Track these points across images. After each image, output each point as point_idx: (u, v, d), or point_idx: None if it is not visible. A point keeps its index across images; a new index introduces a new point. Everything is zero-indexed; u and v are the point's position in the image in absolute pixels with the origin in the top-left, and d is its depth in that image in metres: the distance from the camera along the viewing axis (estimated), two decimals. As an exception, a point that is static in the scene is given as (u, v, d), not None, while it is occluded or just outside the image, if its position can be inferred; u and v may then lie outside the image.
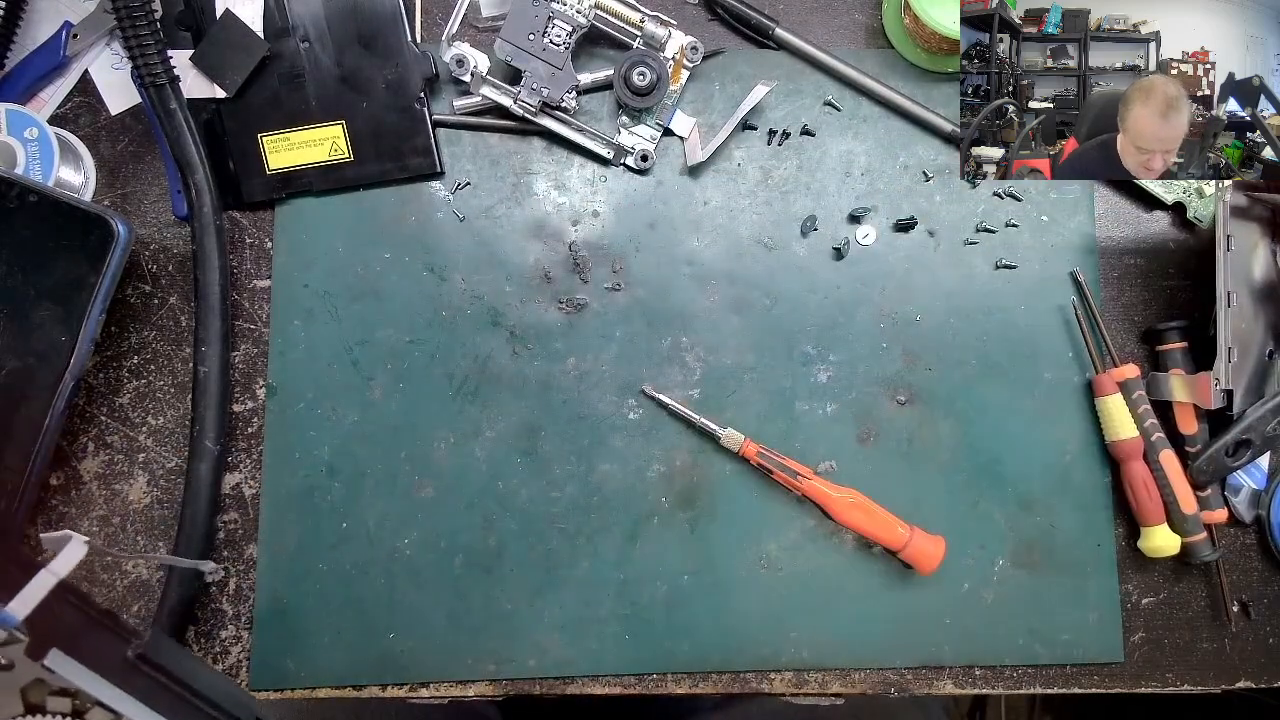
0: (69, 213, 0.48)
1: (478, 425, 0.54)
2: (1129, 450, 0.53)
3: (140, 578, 0.53)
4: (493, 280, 0.55)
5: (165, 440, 0.54)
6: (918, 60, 0.57)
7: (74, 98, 0.56)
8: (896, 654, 0.53)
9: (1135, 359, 0.56)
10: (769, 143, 0.57)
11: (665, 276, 0.56)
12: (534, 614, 0.52)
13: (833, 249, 0.56)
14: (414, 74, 0.54)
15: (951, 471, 0.55)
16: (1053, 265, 0.57)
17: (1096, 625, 0.54)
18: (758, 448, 0.52)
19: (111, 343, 0.54)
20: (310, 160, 0.55)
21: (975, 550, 0.54)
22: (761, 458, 0.52)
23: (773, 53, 0.57)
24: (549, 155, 0.57)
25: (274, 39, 0.54)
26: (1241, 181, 0.51)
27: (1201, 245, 0.57)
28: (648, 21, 0.54)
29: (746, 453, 0.52)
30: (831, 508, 0.52)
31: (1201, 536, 0.53)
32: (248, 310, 0.55)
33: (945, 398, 0.55)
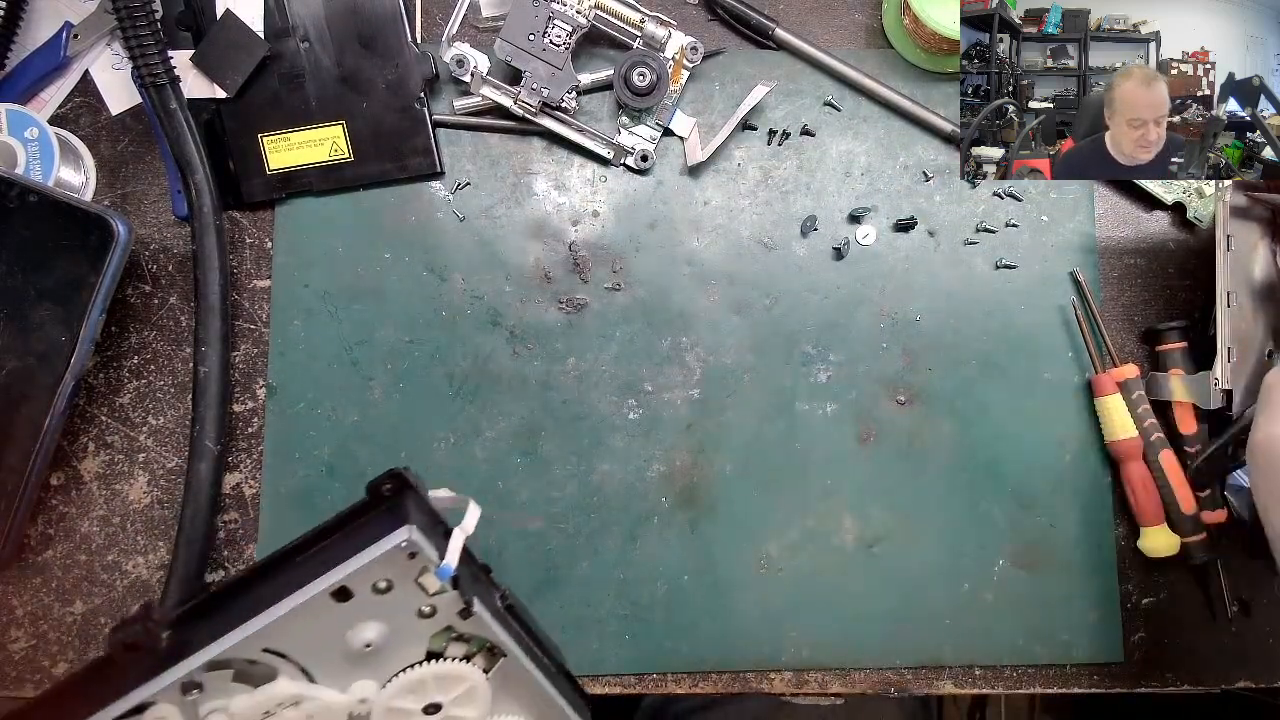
0: (69, 213, 0.48)
1: (477, 425, 0.54)
2: (1128, 450, 0.53)
3: (140, 578, 0.53)
4: (493, 280, 0.55)
5: (165, 440, 0.54)
6: (918, 60, 0.57)
7: (74, 98, 0.56)
8: (896, 654, 0.53)
9: (1135, 359, 0.56)
10: (769, 143, 0.57)
11: (665, 276, 0.56)
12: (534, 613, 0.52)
13: (833, 249, 0.56)
14: (414, 74, 0.54)
15: (951, 471, 0.55)
16: (1053, 265, 0.57)
17: (1096, 625, 0.54)
18: None
19: (111, 343, 0.54)
20: (310, 160, 0.55)
21: (975, 550, 0.54)
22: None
23: (773, 53, 0.57)
24: (549, 155, 0.57)
25: (274, 39, 0.54)
26: (1241, 181, 0.51)
27: (1201, 245, 0.57)
28: (648, 22, 0.54)
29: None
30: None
31: (1201, 536, 0.53)
32: (248, 310, 0.55)
33: (945, 398, 0.55)
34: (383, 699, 0.34)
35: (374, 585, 0.33)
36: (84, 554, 0.53)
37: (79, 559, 0.53)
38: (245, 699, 0.32)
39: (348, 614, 0.32)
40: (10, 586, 0.52)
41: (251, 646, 0.31)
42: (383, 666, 0.34)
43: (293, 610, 0.31)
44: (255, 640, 0.31)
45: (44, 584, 0.52)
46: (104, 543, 0.53)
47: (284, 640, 0.32)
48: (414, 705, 0.35)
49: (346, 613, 0.32)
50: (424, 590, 0.33)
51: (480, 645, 0.36)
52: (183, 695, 0.31)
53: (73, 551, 0.53)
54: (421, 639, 0.35)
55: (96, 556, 0.53)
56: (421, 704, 0.35)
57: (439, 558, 0.32)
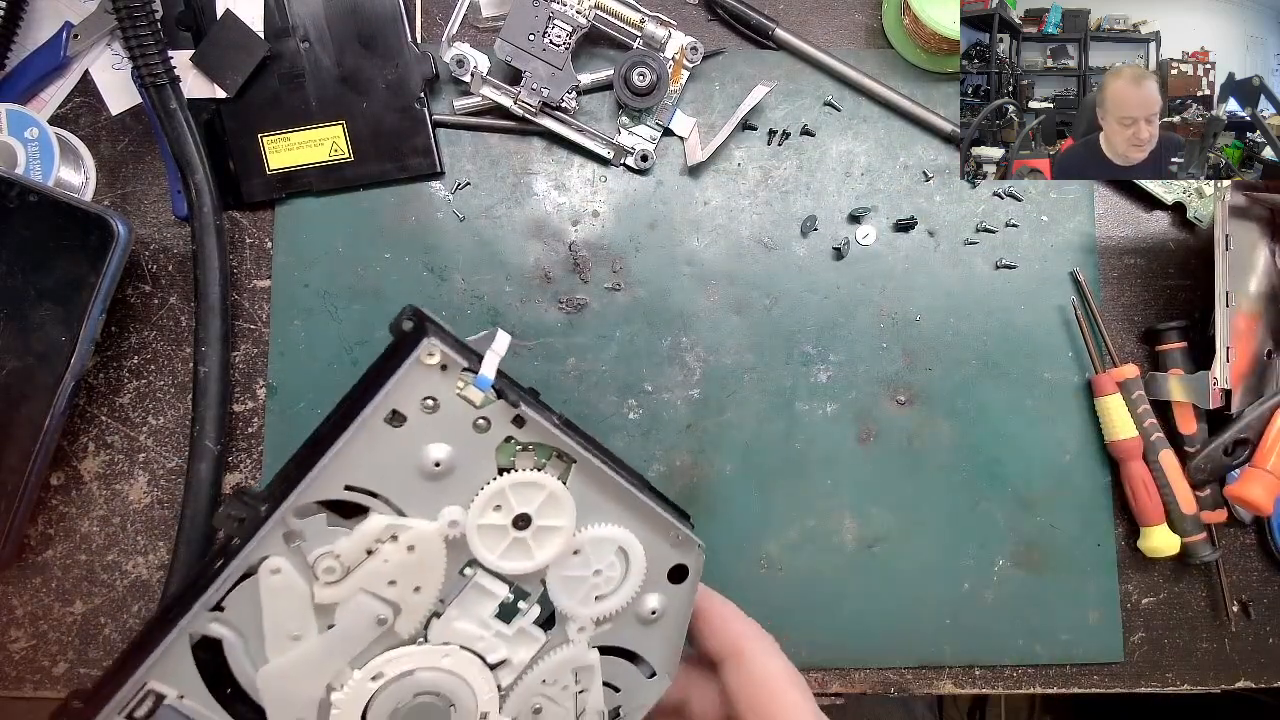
0: (69, 213, 0.48)
1: (478, 425, 0.54)
2: (1128, 450, 0.53)
3: (140, 578, 0.53)
4: (493, 280, 0.55)
5: (165, 440, 0.54)
6: (918, 60, 0.57)
7: (74, 98, 0.56)
8: (896, 654, 0.53)
9: (1135, 359, 0.56)
10: (769, 143, 0.57)
11: (665, 276, 0.56)
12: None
13: (833, 249, 0.56)
14: (414, 74, 0.54)
15: (951, 471, 0.55)
16: (1053, 265, 0.57)
17: (1096, 625, 0.54)
18: None
19: (111, 343, 0.54)
20: (310, 160, 0.55)
21: (975, 550, 0.54)
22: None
23: (773, 53, 0.57)
24: (549, 155, 0.57)
25: (274, 39, 0.54)
26: (1241, 181, 0.51)
27: (1201, 245, 0.57)
28: (648, 22, 0.54)
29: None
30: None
31: (1201, 536, 0.53)
32: (248, 310, 0.55)
33: (945, 398, 0.55)
34: (471, 519, 0.35)
35: (421, 403, 0.34)
36: (84, 554, 0.53)
37: (79, 559, 0.53)
38: (346, 540, 0.34)
39: (409, 437, 0.34)
40: (10, 586, 0.52)
41: (334, 484, 0.34)
42: (463, 490, 0.36)
43: (355, 441, 0.34)
44: (335, 477, 0.34)
45: (44, 584, 0.52)
46: (104, 543, 0.53)
47: (361, 475, 0.34)
48: (502, 520, 0.36)
49: (407, 436, 0.34)
50: (471, 403, 0.35)
51: (547, 455, 0.37)
52: (287, 545, 0.34)
53: (73, 551, 0.53)
54: (488, 456, 0.36)
55: (96, 556, 0.53)
56: (509, 518, 0.36)
57: (471, 366, 0.34)
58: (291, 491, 0.33)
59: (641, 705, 0.40)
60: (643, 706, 0.40)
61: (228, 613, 0.34)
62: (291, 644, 0.34)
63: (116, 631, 0.52)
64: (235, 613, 0.34)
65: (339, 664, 0.35)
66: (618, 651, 0.40)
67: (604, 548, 0.38)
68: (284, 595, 0.34)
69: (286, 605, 0.34)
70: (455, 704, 0.36)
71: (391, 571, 0.35)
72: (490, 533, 0.36)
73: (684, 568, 0.40)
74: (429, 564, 0.35)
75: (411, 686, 0.35)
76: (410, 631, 0.35)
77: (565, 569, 0.37)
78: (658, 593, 0.39)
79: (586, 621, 0.38)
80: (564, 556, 0.37)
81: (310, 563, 0.34)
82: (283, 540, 0.34)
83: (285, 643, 0.34)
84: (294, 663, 0.34)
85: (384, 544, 0.34)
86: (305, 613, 0.34)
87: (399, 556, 0.35)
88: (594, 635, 0.38)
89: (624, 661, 0.40)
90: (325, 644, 0.35)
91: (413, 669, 0.35)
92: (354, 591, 0.35)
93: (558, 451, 0.37)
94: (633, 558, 0.38)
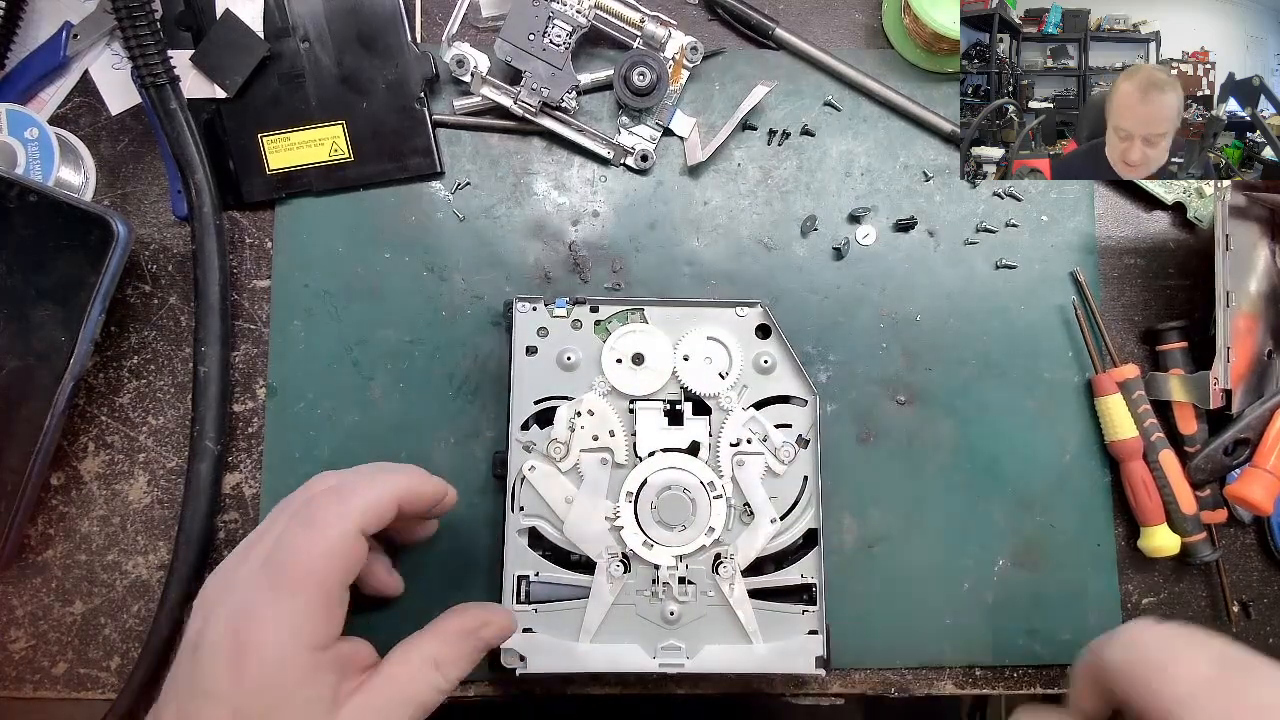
0: (69, 213, 0.48)
1: (478, 425, 0.54)
2: (1129, 450, 0.53)
3: (140, 578, 0.53)
4: (493, 280, 0.55)
5: (165, 440, 0.54)
6: (918, 60, 0.57)
7: (74, 98, 0.56)
8: (896, 654, 0.53)
9: (1135, 359, 0.56)
10: (769, 143, 0.57)
11: (665, 276, 0.56)
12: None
13: (833, 249, 0.56)
14: (414, 74, 0.55)
15: (951, 471, 0.55)
16: (1053, 265, 0.57)
17: (1096, 625, 0.54)
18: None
19: (111, 343, 0.54)
20: (310, 160, 0.55)
21: (975, 550, 0.54)
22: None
23: (773, 53, 0.57)
24: (549, 155, 0.57)
25: (274, 39, 0.54)
26: (1241, 181, 0.51)
27: (1201, 245, 0.57)
28: (648, 21, 0.54)
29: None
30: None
31: (1201, 536, 0.53)
32: (248, 310, 0.55)
33: (945, 398, 0.55)
34: (608, 374, 0.52)
35: (537, 333, 0.52)
36: (84, 554, 0.53)
37: (79, 559, 0.53)
38: (554, 429, 0.51)
39: (545, 355, 0.52)
40: (10, 586, 0.52)
41: (527, 406, 0.52)
42: (593, 367, 0.52)
43: (520, 375, 0.51)
44: (525, 402, 0.51)
45: (44, 584, 0.52)
46: (104, 543, 0.53)
47: (536, 391, 0.52)
48: (627, 364, 0.51)
49: (544, 355, 0.52)
50: (562, 317, 0.52)
51: (624, 319, 0.53)
52: (528, 453, 0.51)
53: (73, 551, 0.53)
54: (592, 338, 0.52)
55: (96, 556, 0.53)
56: (630, 358, 0.52)
57: (547, 300, 0.55)
58: (509, 424, 0.50)
59: (811, 423, 0.51)
60: (812, 424, 0.51)
61: (527, 509, 0.50)
62: (568, 506, 0.50)
63: (116, 632, 0.52)
64: (530, 506, 0.50)
65: (600, 500, 0.50)
66: (770, 402, 0.52)
67: (701, 343, 0.51)
68: (546, 479, 0.50)
69: (551, 484, 0.50)
70: (686, 486, 0.49)
71: (590, 431, 0.50)
72: (623, 374, 0.51)
73: (764, 325, 0.52)
74: (605, 416, 0.50)
75: (655, 487, 0.50)
76: (625, 459, 0.50)
77: (689, 371, 0.51)
78: (757, 350, 0.52)
79: (726, 392, 0.51)
80: (679, 363, 0.51)
81: (546, 453, 0.50)
82: (524, 451, 0.50)
83: (564, 507, 0.50)
84: (577, 515, 0.49)
85: (576, 418, 0.50)
86: (563, 482, 0.50)
87: (587, 421, 0.50)
88: (742, 398, 0.51)
89: (779, 405, 0.52)
90: (586, 494, 0.50)
91: (645, 477, 0.50)
92: (578, 455, 0.50)
93: (634, 310, 0.52)
94: (726, 340, 0.51)
